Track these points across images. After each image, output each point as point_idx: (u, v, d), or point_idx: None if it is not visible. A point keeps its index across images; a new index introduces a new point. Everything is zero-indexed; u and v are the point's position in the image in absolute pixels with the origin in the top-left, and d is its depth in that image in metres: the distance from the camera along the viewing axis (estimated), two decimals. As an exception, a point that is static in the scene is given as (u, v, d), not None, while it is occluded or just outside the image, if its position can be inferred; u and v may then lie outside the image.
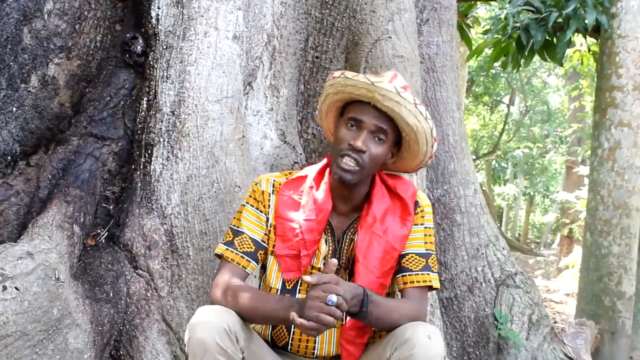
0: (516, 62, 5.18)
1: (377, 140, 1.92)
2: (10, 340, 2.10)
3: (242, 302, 1.85)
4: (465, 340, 3.38)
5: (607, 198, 4.40)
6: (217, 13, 2.86)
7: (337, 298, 1.67)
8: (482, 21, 7.73)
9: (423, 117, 1.90)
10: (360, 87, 1.88)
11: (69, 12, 2.94)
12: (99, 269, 2.61)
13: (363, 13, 3.19)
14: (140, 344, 2.55)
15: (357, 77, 1.89)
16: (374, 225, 1.95)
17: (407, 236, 2.00)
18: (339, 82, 1.94)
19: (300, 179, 2.05)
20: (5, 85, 2.74)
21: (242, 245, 1.99)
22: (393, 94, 1.86)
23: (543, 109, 17.12)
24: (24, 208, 2.71)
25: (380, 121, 1.90)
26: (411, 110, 1.88)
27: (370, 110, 1.90)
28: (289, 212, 1.99)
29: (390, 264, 1.97)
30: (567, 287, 8.51)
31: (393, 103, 1.86)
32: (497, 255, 3.50)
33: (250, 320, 1.89)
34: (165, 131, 2.74)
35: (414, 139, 1.94)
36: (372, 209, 1.97)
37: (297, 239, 1.95)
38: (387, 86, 1.86)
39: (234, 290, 1.89)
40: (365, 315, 1.79)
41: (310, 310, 1.67)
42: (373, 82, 1.86)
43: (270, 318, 1.85)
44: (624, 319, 4.32)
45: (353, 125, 1.92)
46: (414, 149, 1.98)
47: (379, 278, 1.94)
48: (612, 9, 4.47)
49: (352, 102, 1.96)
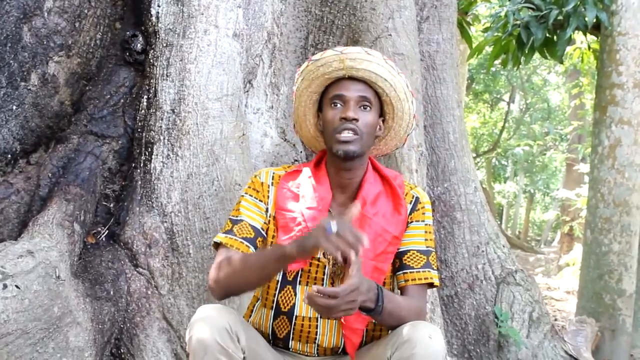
0: (516, 60, 5.18)
1: (364, 109, 1.97)
2: (10, 339, 2.10)
3: (234, 265, 1.86)
4: (466, 338, 3.38)
5: (607, 196, 4.40)
6: (217, 11, 2.86)
7: (335, 226, 1.67)
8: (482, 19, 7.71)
9: (395, 71, 1.99)
10: (331, 62, 1.95)
11: (69, 10, 2.94)
12: (100, 267, 2.61)
13: (363, 11, 3.19)
14: (140, 342, 2.55)
15: (324, 53, 1.97)
16: (364, 208, 1.96)
17: (404, 222, 2.00)
18: (309, 70, 2.00)
19: (297, 172, 2.07)
20: (5, 84, 2.74)
21: (242, 231, 1.98)
22: (362, 54, 1.94)
23: (543, 107, 17.11)
24: (25, 206, 2.71)
25: (362, 90, 1.96)
26: (383, 65, 1.96)
27: (349, 83, 1.96)
28: (289, 203, 2.01)
29: (384, 247, 1.96)
30: (567, 284, 8.52)
31: (366, 63, 1.94)
32: (498, 253, 3.50)
33: (246, 283, 1.88)
34: (165, 129, 2.74)
35: (395, 95, 2.00)
36: (362, 192, 1.99)
37: (300, 227, 1.95)
38: (354, 49, 1.96)
39: (224, 262, 1.90)
40: (380, 310, 1.79)
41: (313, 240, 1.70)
42: (341, 51, 1.94)
43: (264, 265, 1.83)
44: (624, 317, 4.32)
45: (336, 103, 1.96)
46: (398, 108, 2.03)
47: (372, 260, 1.93)
48: (612, 6, 4.47)
49: (327, 88, 2.02)
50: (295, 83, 2.07)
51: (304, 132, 2.17)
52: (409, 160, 3.00)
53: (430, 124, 3.52)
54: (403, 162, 2.99)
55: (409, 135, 2.18)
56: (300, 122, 2.14)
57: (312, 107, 2.09)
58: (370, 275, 1.89)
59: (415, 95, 2.05)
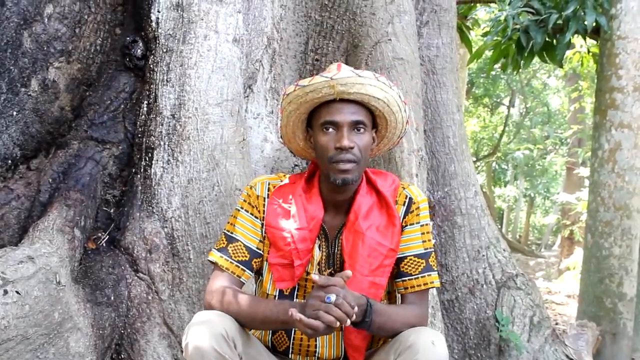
0: (516, 64, 5.18)
1: (358, 132, 1.88)
2: (11, 345, 2.10)
3: (240, 308, 1.83)
4: (467, 343, 3.37)
5: (607, 199, 4.40)
6: (217, 16, 2.86)
7: (335, 297, 1.66)
8: (481, 23, 7.73)
9: (387, 86, 1.89)
10: (321, 88, 1.85)
11: (69, 16, 2.95)
12: (100, 272, 2.61)
13: (363, 15, 3.19)
14: (141, 348, 2.55)
15: (313, 80, 1.86)
16: (355, 223, 1.91)
17: (399, 232, 1.95)
18: (297, 95, 1.89)
19: (288, 186, 2.01)
20: (6, 89, 2.75)
21: (237, 254, 1.95)
22: (353, 77, 1.84)
23: (543, 111, 17.11)
24: (25, 212, 2.71)
25: (354, 114, 1.87)
26: (375, 85, 1.87)
27: (339, 106, 1.87)
28: (280, 220, 1.95)
29: (380, 261, 1.91)
30: (568, 288, 8.51)
31: (358, 86, 1.84)
32: (498, 257, 3.50)
33: (248, 326, 1.87)
34: (165, 134, 2.74)
35: (389, 110, 1.93)
36: (354, 206, 1.93)
37: (289, 248, 1.91)
38: (345, 73, 1.85)
39: (230, 297, 1.86)
40: (368, 325, 1.78)
41: (311, 308, 1.67)
42: (331, 77, 1.83)
43: (269, 321, 1.82)
44: (625, 321, 4.31)
45: (328, 128, 1.87)
46: (391, 121, 1.96)
47: (367, 276, 1.89)
48: (612, 10, 4.47)
49: (316, 108, 1.92)
50: (281, 103, 1.97)
51: (294, 146, 2.09)
52: (409, 165, 3.00)
53: (430, 129, 3.52)
54: (403, 166, 2.99)
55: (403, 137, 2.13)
56: (289, 137, 2.05)
57: (301, 125, 2.00)
58: (366, 291, 1.85)
59: (408, 103, 2.01)
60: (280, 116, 2.00)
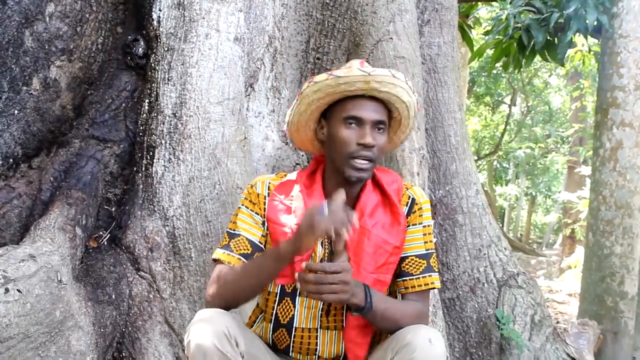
0: (517, 63, 5.18)
1: (379, 131, 1.91)
2: (12, 343, 2.10)
3: (233, 273, 1.86)
4: (468, 341, 3.37)
5: (609, 198, 4.39)
6: (219, 15, 2.86)
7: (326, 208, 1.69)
8: (483, 22, 7.72)
9: (411, 91, 1.94)
10: (355, 81, 1.85)
11: (71, 14, 2.95)
12: (101, 271, 2.61)
13: (364, 14, 3.19)
14: (142, 346, 2.55)
15: (350, 72, 1.85)
16: (361, 220, 1.91)
17: (404, 230, 1.96)
18: (327, 84, 1.87)
19: (290, 182, 2.01)
20: (7, 88, 2.75)
21: (239, 247, 1.95)
22: (389, 77, 1.87)
23: (544, 109, 17.08)
24: (26, 210, 2.71)
25: (378, 113, 1.91)
26: (404, 87, 1.91)
27: (366, 103, 1.89)
28: (281, 216, 1.96)
29: (385, 258, 1.92)
30: (569, 287, 8.50)
31: (390, 86, 1.88)
32: (499, 256, 3.50)
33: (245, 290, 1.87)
34: (166, 133, 2.74)
35: (407, 114, 1.98)
36: (359, 204, 1.95)
37: None
38: (382, 71, 1.86)
39: (224, 273, 1.89)
40: (370, 306, 1.78)
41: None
42: (369, 72, 1.84)
43: (264, 267, 1.84)
44: (626, 319, 4.31)
45: (352, 123, 1.89)
46: (404, 124, 2.02)
47: (372, 273, 1.90)
48: (613, 9, 4.47)
49: (339, 100, 1.92)
50: (304, 90, 1.93)
51: (301, 136, 2.06)
52: (411, 164, 3.00)
53: (431, 127, 3.52)
54: (405, 165, 2.99)
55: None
56: (299, 126, 2.02)
57: (317, 114, 1.99)
58: (371, 287, 1.85)
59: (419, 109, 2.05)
60: (297, 103, 1.97)
